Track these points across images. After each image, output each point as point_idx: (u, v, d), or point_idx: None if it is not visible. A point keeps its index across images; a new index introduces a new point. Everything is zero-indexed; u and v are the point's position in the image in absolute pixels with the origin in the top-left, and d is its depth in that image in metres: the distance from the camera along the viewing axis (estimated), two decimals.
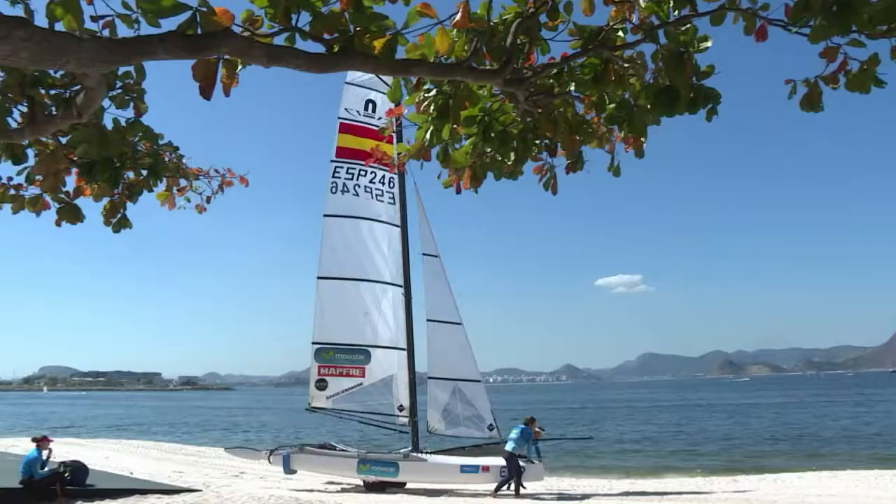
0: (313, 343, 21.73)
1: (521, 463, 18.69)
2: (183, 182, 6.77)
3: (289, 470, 20.68)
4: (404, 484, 20.33)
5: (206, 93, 4.10)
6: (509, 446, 18.73)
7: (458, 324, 21.69)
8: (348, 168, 21.86)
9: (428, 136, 5.32)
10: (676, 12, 4.88)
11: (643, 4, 4.96)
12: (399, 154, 6.28)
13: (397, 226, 22.35)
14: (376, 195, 22.33)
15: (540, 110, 5.34)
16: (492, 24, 4.81)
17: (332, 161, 22.03)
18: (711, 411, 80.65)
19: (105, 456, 29.49)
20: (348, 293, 22.00)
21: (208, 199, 7.11)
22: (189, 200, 6.95)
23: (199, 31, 3.75)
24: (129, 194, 6.03)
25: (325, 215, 22.20)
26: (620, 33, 5.07)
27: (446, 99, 5.16)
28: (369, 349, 21.64)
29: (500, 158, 5.61)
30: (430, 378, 21.40)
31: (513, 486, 18.69)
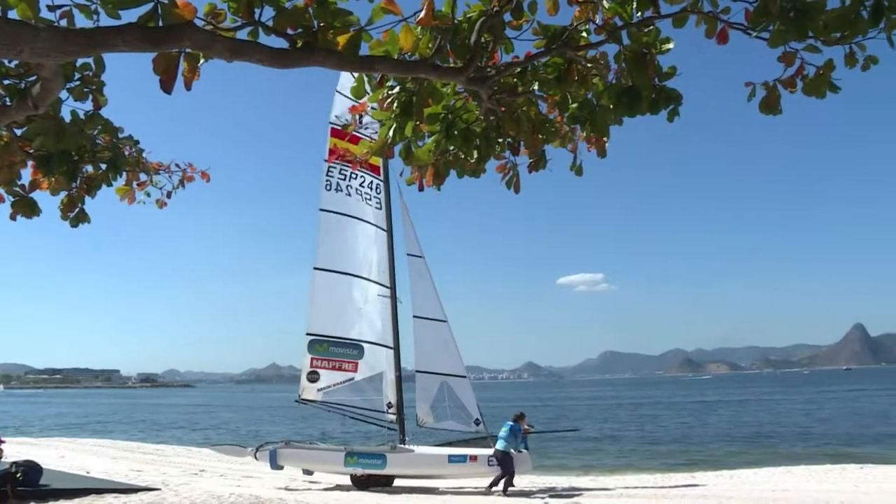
0: (307, 334, 21.67)
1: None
2: (143, 176, 6.67)
3: (276, 466, 20.56)
4: (392, 480, 20.28)
5: (166, 86, 4.04)
6: (500, 445, 18.66)
7: (444, 321, 21.90)
8: (340, 169, 22.06)
9: (391, 133, 5.30)
10: (639, 14, 4.93)
11: (607, 5, 5.00)
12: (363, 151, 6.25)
13: (384, 230, 22.61)
14: (365, 198, 22.57)
15: (503, 109, 5.36)
16: (456, 21, 4.81)
17: (325, 161, 22.30)
18: (671, 409, 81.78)
19: (60, 455, 28.92)
20: (342, 287, 22.08)
21: (169, 194, 7.02)
22: (149, 195, 6.86)
23: (160, 24, 3.70)
24: (87, 188, 5.92)
25: (321, 209, 22.31)
26: (584, 33, 5.11)
27: (410, 96, 5.15)
28: (363, 344, 21.73)
29: (462, 156, 5.61)
30: (418, 372, 21.53)
31: (502, 483, 18.64)
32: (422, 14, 4.63)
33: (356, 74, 5.23)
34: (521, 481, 20.17)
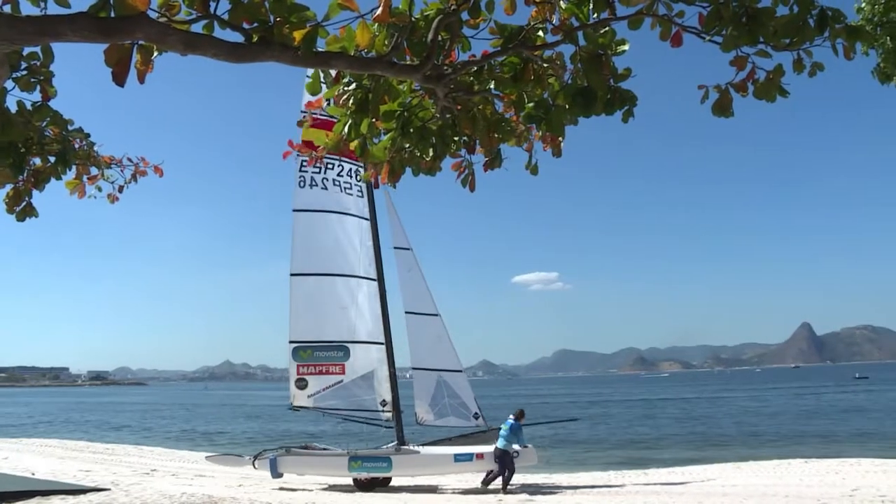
0: (290, 342, 21.30)
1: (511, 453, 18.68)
2: (94, 170, 6.53)
3: (276, 474, 20.15)
4: (389, 481, 20.09)
5: (119, 79, 3.96)
6: (500, 443, 18.64)
7: (436, 315, 21.67)
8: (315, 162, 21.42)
9: (346, 129, 5.28)
10: (596, 15, 4.98)
11: (564, 6, 5.04)
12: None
13: (367, 219, 22.04)
14: (345, 188, 21.89)
15: (459, 107, 5.36)
16: (413, 19, 4.80)
17: (298, 156, 21.61)
18: (623, 406, 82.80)
19: (3, 456, 28.19)
20: (323, 289, 21.57)
21: (121, 189, 6.89)
22: (100, 189, 6.72)
23: (112, 14, 3.62)
24: (35, 181, 5.78)
25: (294, 210, 21.66)
26: (541, 33, 5.14)
27: (366, 93, 5.13)
28: (348, 345, 21.27)
29: (418, 154, 5.60)
30: (414, 369, 21.29)
31: (500, 482, 18.72)
32: (379, 11, 4.61)
33: (313, 70, 5.19)
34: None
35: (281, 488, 19.81)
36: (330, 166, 21.57)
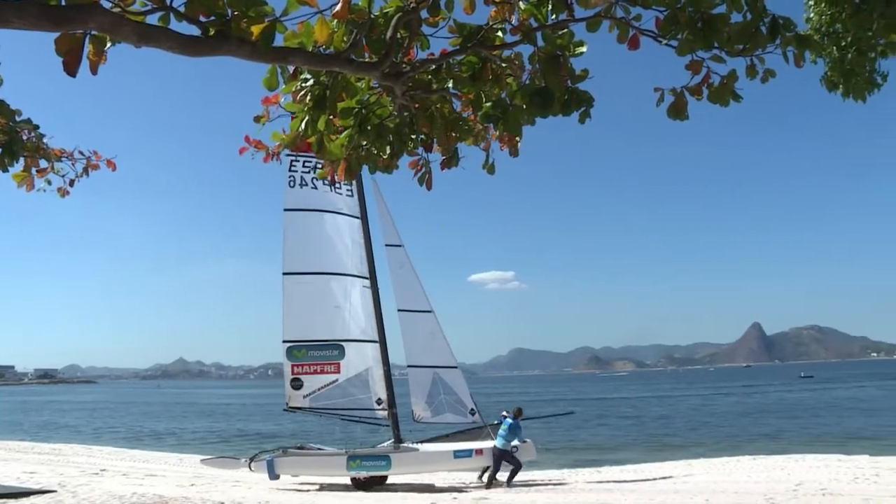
0: (284, 342, 21.07)
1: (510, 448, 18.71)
2: (44, 163, 6.38)
3: (274, 476, 19.84)
4: (385, 479, 19.92)
5: (70, 69, 3.86)
6: (499, 442, 18.67)
7: (429, 311, 21.55)
8: (304, 161, 21.06)
9: (303, 126, 5.23)
10: (554, 16, 5.01)
11: (523, 6, 5.06)
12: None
13: (358, 217, 21.89)
14: (335, 187, 21.73)
15: (417, 105, 5.35)
16: (372, 16, 4.78)
17: (287, 155, 21.33)
18: (577, 405, 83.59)
19: None
20: (316, 288, 21.36)
21: (72, 183, 6.75)
22: (50, 183, 6.58)
23: (63, 3, 3.53)
24: None
25: (285, 210, 21.48)
26: (500, 33, 5.15)
27: (323, 89, 5.09)
28: (342, 344, 21.08)
29: (375, 152, 5.58)
30: (410, 367, 21.19)
31: (504, 476, 18.83)
32: (338, 7, 4.57)
33: (270, 65, 5.13)
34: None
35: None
36: (319, 165, 21.31)
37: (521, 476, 20.00)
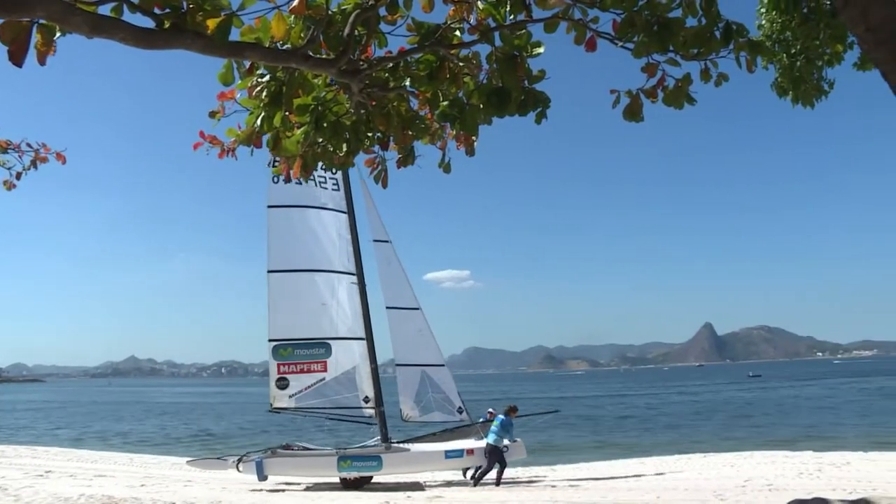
0: (270, 340, 20.59)
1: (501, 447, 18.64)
2: None
3: (263, 476, 19.37)
4: (370, 479, 19.64)
5: (16, 58, 3.73)
6: (491, 439, 18.53)
7: (417, 309, 21.30)
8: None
9: (259, 122, 5.17)
10: (512, 17, 5.02)
11: (481, 6, 5.07)
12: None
13: (344, 212, 21.49)
14: (320, 182, 21.25)
15: (374, 103, 5.33)
16: (330, 12, 4.74)
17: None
18: (532, 404, 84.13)
19: None
20: (302, 285, 20.96)
21: (18, 175, 6.57)
22: None
23: None
24: None
25: (269, 206, 21.01)
26: (458, 32, 5.16)
27: (280, 86, 5.04)
28: (329, 342, 20.68)
29: (331, 149, 5.55)
30: (398, 366, 20.92)
31: (494, 476, 18.65)
32: (295, 3, 4.53)
33: (226, 60, 5.05)
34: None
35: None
36: None
37: (452, 475, 20.08)
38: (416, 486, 19.11)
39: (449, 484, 19.56)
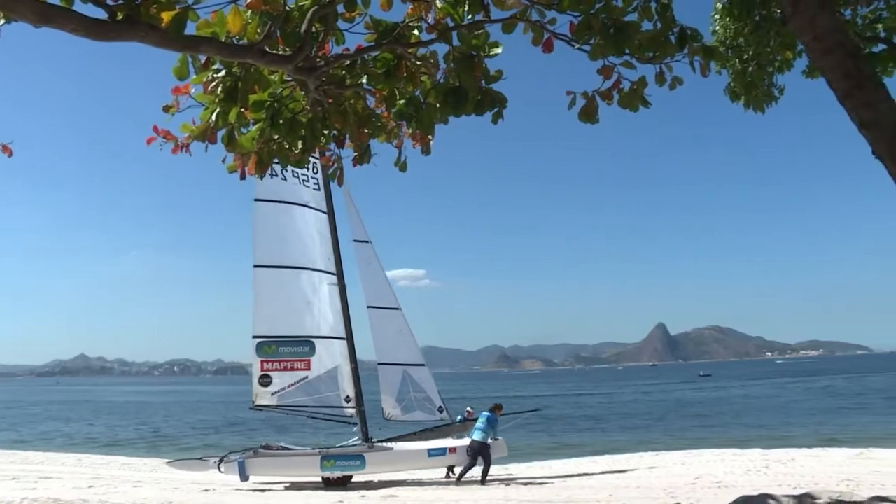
0: (254, 337, 20.31)
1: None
2: None
3: (245, 477, 19.08)
4: (350, 478, 19.45)
5: None
6: (478, 436, 18.48)
7: (397, 309, 21.32)
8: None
9: (214, 117, 5.09)
10: (470, 16, 5.04)
11: (439, 5, 5.07)
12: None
13: (324, 212, 21.32)
14: (303, 180, 21.08)
15: (330, 101, 5.30)
16: (287, 8, 4.70)
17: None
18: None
19: None
20: (287, 282, 20.72)
21: None
22: None
23: None
24: None
25: (255, 199, 20.72)
26: (416, 31, 5.15)
27: (235, 81, 4.97)
28: (313, 340, 20.51)
29: (287, 146, 5.50)
30: (380, 365, 20.86)
31: (468, 473, 18.65)
32: None
33: (181, 54, 4.97)
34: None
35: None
36: None
37: (426, 473, 20.12)
38: (399, 483, 19.12)
39: (403, 483, 19.54)
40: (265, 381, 20.28)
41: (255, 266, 20.70)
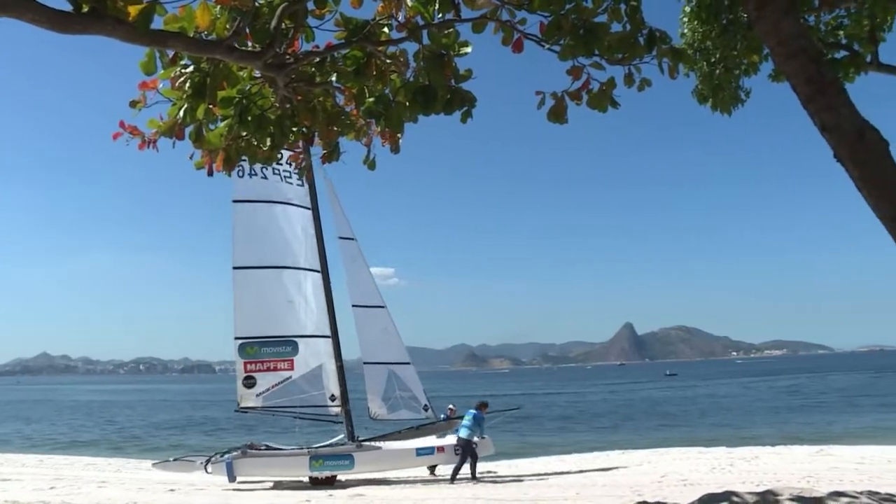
0: (236, 339, 20.15)
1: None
2: None
3: (233, 477, 18.91)
4: (335, 477, 19.38)
5: None
6: (464, 433, 18.56)
7: (382, 307, 21.26)
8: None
9: (182, 113, 5.04)
10: (441, 15, 5.04)
11: (410, 4, 5.07)
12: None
13: (308, 208, 21.16)
14: (285, 177, 20.83)
15: (299, 98, 5.27)
16: (257, 4, 4.67)
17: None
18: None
19: None
20: (268, 282, 20.55)
21: None
22: None
23: None
24: None
25: (234, 201, 20.51)
26: (386, 29, 5.14)
27: (203, 77, 4.92)
28: (296, 339, 20.39)
29: (255, 143, 5.46)
30: (366, 364, 20.78)
31: (467, 470, 18.67)
32: None
33: (148, 49, 4.91)
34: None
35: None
36: None
37: (397, 474, 20.12)
38: (367, 482, 19.08)
39: (371, 482, 19.49)
40: (249, 382, 20.19)
41: (235, 268, 20.58)
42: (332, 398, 20.60)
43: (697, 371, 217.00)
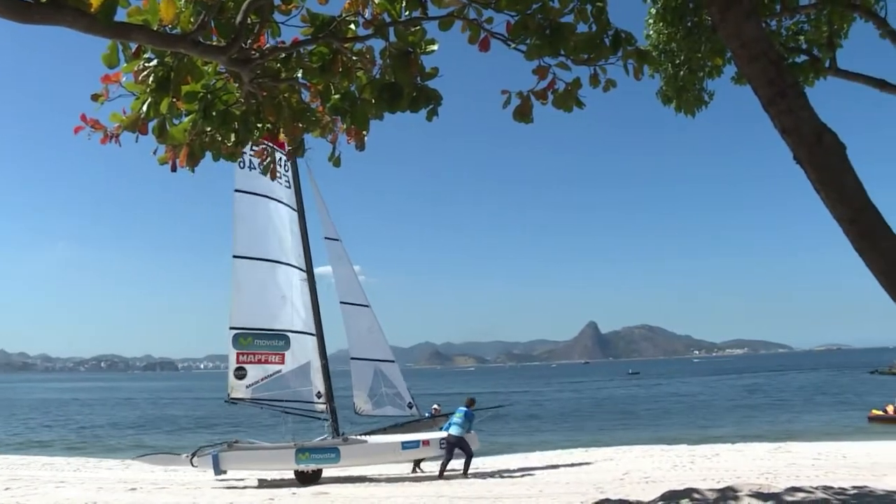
0: (231, 328, 20.06)
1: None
2: None
3: (219, 471, 18.79)
4: (320, 472, 19.35)
5: None
6: (454, 430, 18.75)
7: (367, 306, 21.52)
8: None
9: (145, 108, 4.97)
10: (408, 13, 5.04)
11: (377, 1, 5.05)
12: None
13: (295, 209, 21.39)
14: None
15: (264, 93, 5.23)
16: None
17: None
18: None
19: None
20: (265, 275, 20.63)
21: None
22: None
23: None
24: None
25: (236, 190, 20.58)
26: (352, 26, 5.12)
27: (167, 71, 4.86)
28: (288, 334, 20.51)
29: (220, 138, 5.41)
30: (353, 360, 20.95)
31: (445, 466, 18.92)
32: None
33: (110, 41, 4.83)
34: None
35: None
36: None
37: (363, 470, 20.11)
38: (331, 481, 19.04)
39: (336, 479, 19.43)
40: (240, 373, 20.24)
41: (235, 256, 20.68)
42: (319, 395, 20.80)
43: (660, 369, 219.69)
